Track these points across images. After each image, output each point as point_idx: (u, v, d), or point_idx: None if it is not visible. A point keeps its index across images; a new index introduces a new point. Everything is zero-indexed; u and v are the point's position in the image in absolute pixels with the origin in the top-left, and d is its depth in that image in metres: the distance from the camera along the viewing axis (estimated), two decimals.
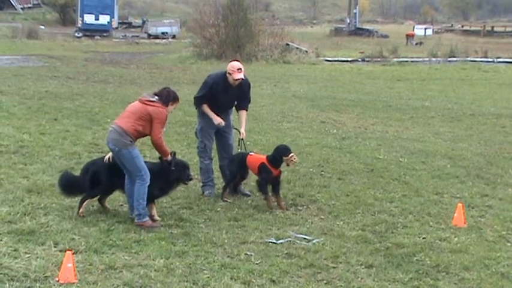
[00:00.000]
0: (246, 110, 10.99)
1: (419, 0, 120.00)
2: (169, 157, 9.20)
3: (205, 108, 10.64)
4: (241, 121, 10.87)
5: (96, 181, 9.26)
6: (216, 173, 11.06)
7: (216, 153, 11.10)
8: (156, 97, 9.02)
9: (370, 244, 8.65)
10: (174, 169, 9.26)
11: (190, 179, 9.66)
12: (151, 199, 9.22)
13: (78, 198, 9.56)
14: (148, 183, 8.96)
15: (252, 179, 10.89)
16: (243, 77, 10.56)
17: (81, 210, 9.18)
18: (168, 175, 9.26)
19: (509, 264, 8.16)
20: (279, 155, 10.13)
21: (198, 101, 10.69)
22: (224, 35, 40.23)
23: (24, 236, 8.24)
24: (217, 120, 10.61)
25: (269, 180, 10.12)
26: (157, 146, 9.11)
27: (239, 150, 10.86)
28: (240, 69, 10.50)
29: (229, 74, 10.49)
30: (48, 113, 17.51)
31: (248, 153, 10.59)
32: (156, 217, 9.22)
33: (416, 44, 61.29)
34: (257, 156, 10.52)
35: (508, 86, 30.60)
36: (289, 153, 10.09)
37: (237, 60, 10.88)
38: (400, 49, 47.97)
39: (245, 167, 10.51)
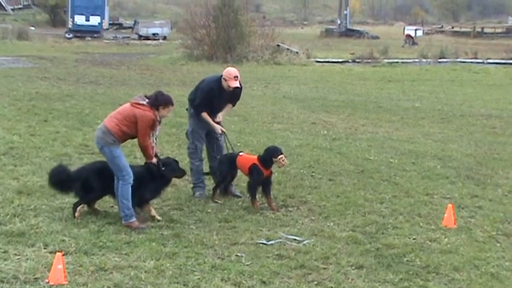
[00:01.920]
0: (233, 106, 11.04)
1: (409, 1, 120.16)
2: (153, 160, 9.23)
3: (206, 116, 10.63)
4: (223, 110, 10.88)
5: (89, 187, 9.25)
6: None
7: (206, 155, 11.11)
8: (147, 100, 9.02)
9: (360, 245, 8.66)
10: (165, 169, 9.32)
11: (185, 173, 9.93)
12: (144, 202, 9.26)
13: (68, 199, 9.57)
14: (130, 184, 8.94)
15: (243, 179, 10.89)
16: (238, 85, 10.57)
17: (76, 214, 9.16)
18: (158, 176, 9.30)
19: (498, 265, 8.19)
20: (269, 155, 10.13)
21: (198, 110, 10.66)
22: (215, 36, 40.17)
23: (14, 237, 8.22)
24: (218, 130, 10.65)
25: (260, 181, 10.12)
26: (143, 149, 9.14)
27: (226, 148, 10.86)
28: (237, 77, 10.50)
29: (225, 80, 10.48)
30: (39, 114, 17.47)
31: (238, 154, 10.59)
32: (157, 217, 9.29)
33: (413, 44, 61.36)
34: (248, 157, 10.52)
35: (497, 87, 30.69)
36: (279, 155, 10.09)
37: (233, 67, 10.91)
38: (390, 50, 48.02)
39: (235, 168, 10.52)
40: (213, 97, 10.55)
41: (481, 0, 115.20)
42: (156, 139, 9.27)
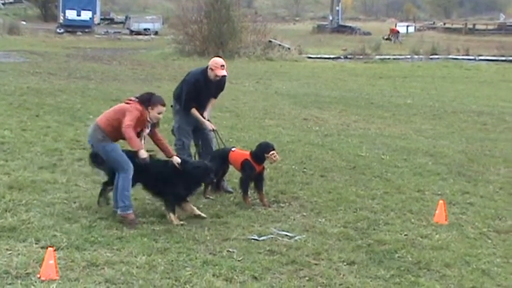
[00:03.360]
0: (215, 98, 11.02)
1: None
2: (142, 153, 8.84)
3: (195, 112, 10.60)
4: (207, 107, 10.83)
5: None
6: None
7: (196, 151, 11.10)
8: (137, 99, 8.98)
9: (352, 241, 8.67)
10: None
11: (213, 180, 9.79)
12: (180, 199, 9.19)
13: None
14: (131, 175, 8.90)
15: (235, 175, 10.89)
16: (226, 73, 10.57)
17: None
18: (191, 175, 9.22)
19: (489, 261, 8.21)
20: (261, 151, 10.13)
21: (186, 107, 10.62)
22: (207, 31, 40.17)
23: (5, 232, 8.18)
24: (209, 127, 10.64)
25: (252, 176, 10.12)
26: (125, 136, 8.76)
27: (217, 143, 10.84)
28: (223, 65, 10.50)
29: (212, 69, 10.47)
30: (30, 109, 17.41)
31: (230, 149, 10.58)
32: (203, 215, 9.25)
33: (388, 39, 61.67)
34: (240, 152, 10.51)
35: (489, 84, 30.79)
36: (271, 151, 10.10)
37: (219, 57, 10.92)
38: (382, 46, 48.13)
39: (227, 163, 10.51)
40: (199, 89, 10.51)
41: None
42: (144, 138, 9.15)
